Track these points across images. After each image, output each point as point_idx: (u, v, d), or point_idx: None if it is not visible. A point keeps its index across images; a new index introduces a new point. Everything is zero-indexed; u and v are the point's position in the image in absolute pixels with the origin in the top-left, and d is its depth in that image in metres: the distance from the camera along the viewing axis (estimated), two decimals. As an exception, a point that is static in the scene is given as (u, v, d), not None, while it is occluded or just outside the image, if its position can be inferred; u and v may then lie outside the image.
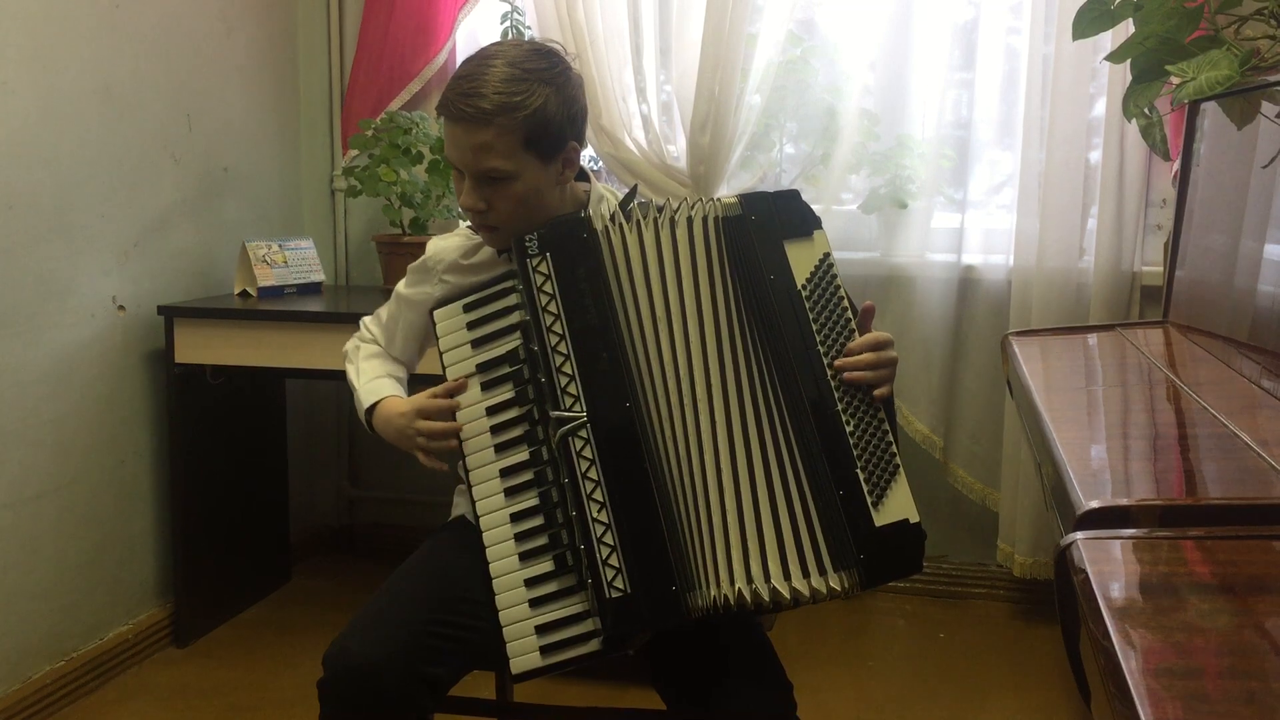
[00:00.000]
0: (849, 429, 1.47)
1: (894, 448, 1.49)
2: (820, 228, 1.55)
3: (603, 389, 1.49)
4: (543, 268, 1.52)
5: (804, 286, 1.52)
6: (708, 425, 1.50)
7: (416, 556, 1.70)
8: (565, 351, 1.50)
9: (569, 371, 1.49)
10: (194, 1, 2.87)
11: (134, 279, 2.71)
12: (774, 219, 1.54)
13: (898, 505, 1.46)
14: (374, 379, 1.76)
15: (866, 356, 1.50)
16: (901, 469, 1.48)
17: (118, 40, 2.63)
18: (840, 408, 1.48)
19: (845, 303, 1.53)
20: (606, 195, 1.71)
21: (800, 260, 1.53)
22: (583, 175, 1.71)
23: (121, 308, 2.68)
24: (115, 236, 2.65)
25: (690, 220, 1.53)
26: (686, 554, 1.46)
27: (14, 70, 2.35)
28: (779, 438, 1.49)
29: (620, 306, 1.52)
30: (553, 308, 1.51)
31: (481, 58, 1.56)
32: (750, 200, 1.55)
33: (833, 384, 1.49)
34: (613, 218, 1.54)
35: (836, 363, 1.49)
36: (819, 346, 1.50)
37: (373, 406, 1.71)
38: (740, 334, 1.52)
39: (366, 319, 1.87)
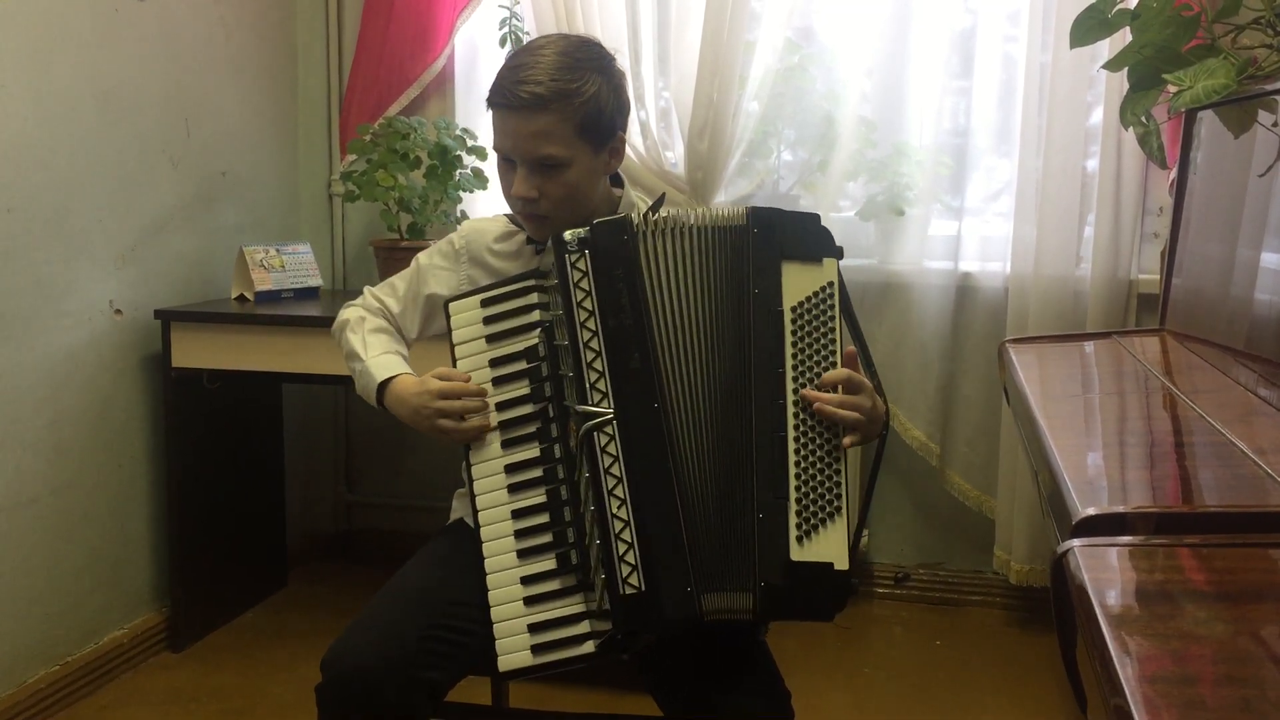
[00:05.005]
0: (794, 458, 1.46)
1: (840, 490, 1.46)
2: (836, 257, 1.51)
3: (632, 388, 1.49)
4: (581, 264, 1.52)
5: (794, 309, 1.49)
6: (702, 433, 1.50)
7: (414, 561, 1.70)
8: (597, 348, 1.50)
9: (599, 368, 1.49)
10: (193, 6, 2.87)
11: (131, 283, 2.71)
12: (778, 236, 1.51)
13: (826, 547, 1.44)
14: (382, 353, 1.72)
15: (833, 395, 1.47)
16: (844, 516, 1.45)
17: (116, 44, 2.63)
18: (792, 435, 1.46)
19: (834, 335, 1.50)
20: (638, 203, 1.72)
21: (797, 282, 1.50)
22: (616, 180, 1.71)
23: (119, 311, 2.68)
24: (113, 240, 2.65)
25: (694, 230, 1.53)
26: (703, 556, 1.47)
27: (12, 73, 2.35)
28: (727, 450, 1.48)
29: (652, 309, 1.52)
30: (588, 304, 1.51)
31: (530, 49, 1.58)
32: (759, 214, 1.53)
33: (791, 410, 1.47)
34: (645, 221, 1.54)
35: (803, 391, 1.47)
36: (788, 370, 1.48)
37: (385, 382, 1.68)
38: (718, 345, 1.51)
39: (373, 288, 1.84)
